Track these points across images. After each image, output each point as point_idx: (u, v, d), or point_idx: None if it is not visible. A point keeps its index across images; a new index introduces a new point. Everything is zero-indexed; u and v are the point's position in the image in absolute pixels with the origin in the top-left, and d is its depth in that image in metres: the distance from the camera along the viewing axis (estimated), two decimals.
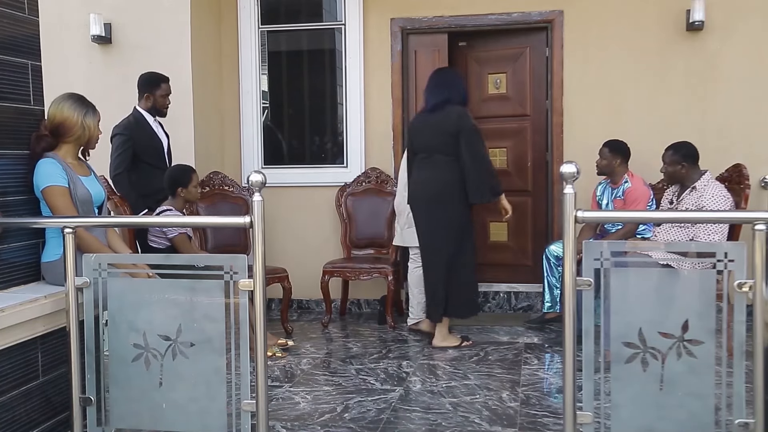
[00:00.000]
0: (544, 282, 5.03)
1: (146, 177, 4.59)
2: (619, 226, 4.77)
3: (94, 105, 3.07)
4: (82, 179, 3.01)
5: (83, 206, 2.96)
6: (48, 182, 2.88)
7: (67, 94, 3.04)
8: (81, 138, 3.01)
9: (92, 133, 3.06)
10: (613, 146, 4.91)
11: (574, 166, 2.27)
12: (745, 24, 5.22)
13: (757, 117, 5.22)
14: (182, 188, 4.35)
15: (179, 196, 4.36)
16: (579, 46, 5.45)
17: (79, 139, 3.01)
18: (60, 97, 3.02)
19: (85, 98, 3.08)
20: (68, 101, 3.01)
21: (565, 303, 2.34)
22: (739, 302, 2.22)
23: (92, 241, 2.91)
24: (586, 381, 2.31)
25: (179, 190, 4.35)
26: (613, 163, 4.88)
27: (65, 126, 2.96)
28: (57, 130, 2.96)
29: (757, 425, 2.21)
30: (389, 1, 5.69)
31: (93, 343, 2.52)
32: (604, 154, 4.91)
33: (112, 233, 3.18)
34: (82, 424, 2.53)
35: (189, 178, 4.39)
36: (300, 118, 6.18)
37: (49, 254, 2.91)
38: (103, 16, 5.43)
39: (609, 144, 4.92)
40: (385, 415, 3.44)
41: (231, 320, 2.42)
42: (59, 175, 2.90)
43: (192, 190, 4.40)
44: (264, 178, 2.34)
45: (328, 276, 5.28)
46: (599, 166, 4.92)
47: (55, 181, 2.89)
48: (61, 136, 2.96)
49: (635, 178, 4.87)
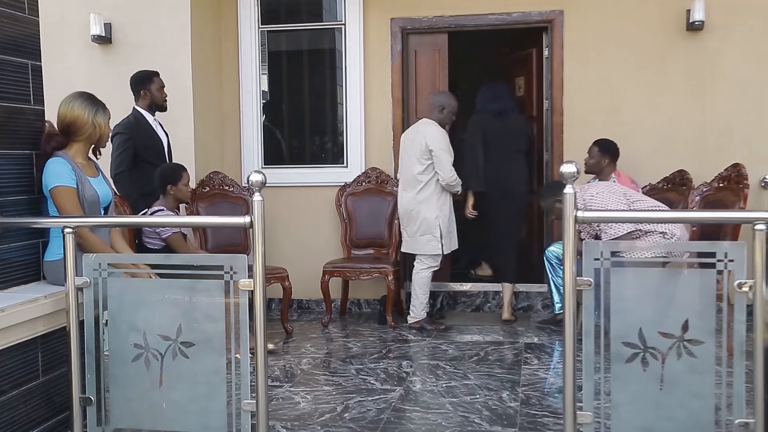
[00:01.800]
0: (550, 284, 5.05)
1: (147, 176, 4.59)
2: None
3: (104, 103, 3.08)
4: (90, 180, 3.01)
5: (90, 207, 2.96)
6: (56, 182, 2.88)
7: (77, 93, 3.05)
8: (92, 136, 3.02)
9: (103, 131, 3.06)
10: (602, 145, 4.95)
11: (574, 166, 2.27)
12: (745, 24, 5.22)
13: (757, 117, 5.22)
14: (172, 186, 4.36)
15: (169, 194, 4.37)
16: (579, 46, 5.45)
17: (89, 137, 3.02)
18: (70, 96, 3.02)
19: (95, 97, 3.08)
20: (78, 100, 3.01)
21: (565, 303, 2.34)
22: (739, 302, 2.22)
23: (95, 241, 2.91)
24: (586, 381, 2.31)
25: (169, 187, 4.36)
26: (601, 162, 4.92)
27: (76, 125, 2.97)
28: (68, 129, 2.96)
29: (757, 425, 2.21)
30: (389, 1, 5.69)
31: (93, 343, 2.51)
32: (593, 153, 4.96)
33: (115, 233, 3.18)
34: (82, 424, 2.53)
35: (179, 175, 4.40)
36: (300, 118, 6.18)
37: (51, 253, 2.91)
38: (103, 16, 5.43)
39: (599, 143, 4.97)
40: (385, 415, 3.44)
41: (231, 320, 2.42)
42: (68, 175, 2.90)
43: (182, 188, 4.40)
44: (264, 178, 2.34)
45: (328, 276, 5.28)
46: (587, 164, 4.97)
47: (64, 181, 2.89)
48: (71, 135, 2.97)
49: (622, 176, 4.90)
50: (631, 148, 5.07)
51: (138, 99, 4.74)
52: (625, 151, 5.08)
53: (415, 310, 5.11)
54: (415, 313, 5.11)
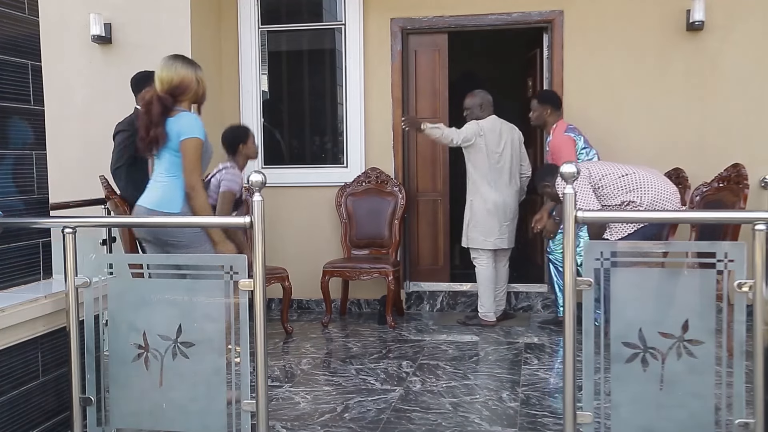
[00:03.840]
0: (555, 286, 5.08)
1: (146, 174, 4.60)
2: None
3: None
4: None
5: (204, 163, 3.22)
6: (191, 134, 3.18)
7: (172, 56, 3.31)
8: (197, 93, 3.29)
9: (205, 86, 3.35)
10: (541, 96, 5.09)
11: (574, 166, 2.27)
12: (745, 24, 5.22)
13: (757, 117, 5.22)
14: (242, 144, 4.46)
15: (240, 153, 4.46)
16: (579, 46, 5.45)
17: (195, 95, 3.29)
18: (166, 60, 3.25)
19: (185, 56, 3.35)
20: (178, 61, 3.28)
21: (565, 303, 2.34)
22: (739, 302, 2.22)
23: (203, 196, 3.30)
24: (586, 381, 2.31)
25: (240, 146, 4.45)
26: (543, 114, 4.99)
27: (184, 84, 3.24)
28: (176, 90, 3.23)
29: (757, 425, 2.21)
30: (389, 1, 5.69)
31: (93, 343, 2.52)
32: (534, 106, 5.09)
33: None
34: (82, 424, 2.53)
35: (248, 135, 4.52)
36: (300, 118, 6.18)
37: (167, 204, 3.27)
38: (103, 16, 5.43)
39: (537, 95, 5.10)
40: (385, 415, 3.44)
41: (231, 320, 2.42)
42: (200, 128, 3.22)
43: (251, 146, 4.52)
44: (264, 178, 2.34)
45: (328, 276, 5.28)
46: (531, 119, 5.08)
47: (197, 133, 3.21)
48: (179, 96, 3.19)
49: (557, 128, 4.94)
50: (631, 148, 5.06)
51: (139, 99, 4.73)
52: (625, 151, 5.09)
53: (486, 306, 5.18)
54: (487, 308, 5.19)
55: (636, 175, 4.31)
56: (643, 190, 4.24)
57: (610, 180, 4.32)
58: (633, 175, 4.30)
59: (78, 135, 5.43)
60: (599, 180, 4.32)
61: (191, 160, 3.21)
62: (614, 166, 4.42)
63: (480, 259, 5.15)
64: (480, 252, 5.13)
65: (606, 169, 4.40)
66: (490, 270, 5.13)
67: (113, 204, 4.38)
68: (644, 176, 4.30)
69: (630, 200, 4.24)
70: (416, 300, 5.77)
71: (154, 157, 3.49)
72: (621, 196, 4.27)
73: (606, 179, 4.32)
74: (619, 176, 4.32)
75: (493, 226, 5.08)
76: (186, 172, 3.31)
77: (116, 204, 4.41)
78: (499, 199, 5.09)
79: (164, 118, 3.20)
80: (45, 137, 2.88)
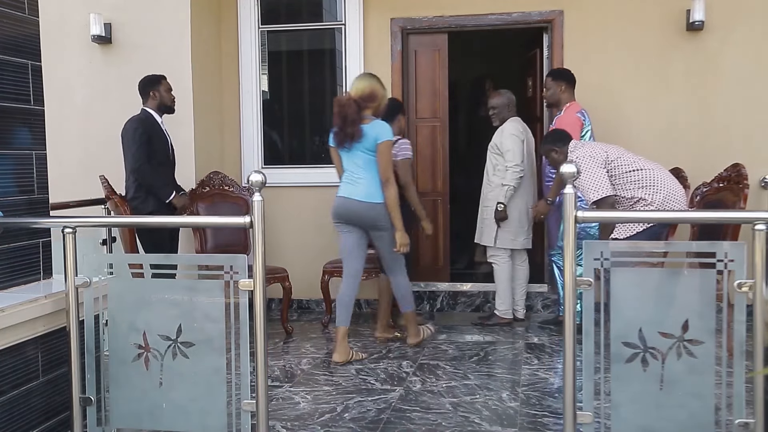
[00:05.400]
0: (558, 288, 5.08)
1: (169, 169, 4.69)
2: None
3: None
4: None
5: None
6: (387, 137, 4.10)
7: (369, 73, 4.53)
8: (379, 106, 4.19)
9: (385, 103, 4.29)
10: (554, 74, 5.03)
11: (574, 167, 2.27)
12: (745, 24, 5.22)
13: (757, 117, 5.22)
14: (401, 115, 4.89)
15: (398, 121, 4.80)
16: (579, 46, 5.45)
17: (377, 106, 4.18)
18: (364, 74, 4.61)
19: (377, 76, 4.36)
20: (373, 78, 4.25)
21: (565, 303, 2.34)
22: (739, 302, 2.22)
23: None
24: (586, 381, 2.31)
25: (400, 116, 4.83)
26: (558, 91, 4.95)
27: (373, 95, 4.14)
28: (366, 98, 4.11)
29: (757, 425, 2.21)
30: (389, 1, 5.69)
31: (93, 343, 2.52)
32: (548, 83, 5.05)
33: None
34: (82, 424, 2.53)
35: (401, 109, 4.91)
36: (300, 117, 6.18)
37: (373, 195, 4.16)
38: (103, 16, 5.43)
39: (550, 72, 5.06)
40: (385, 415, 3.44)
41: (231, 320, 2.42)
42: (391, 133, 4.18)
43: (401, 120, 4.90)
44: (264, 178, 2.34)
45: (328, 276, 5.27)
46: (545, 97, 5.06)
47: (390, 136, 4.15)
48: (368, 102, 4.13)
49: (569, 108, 4.90)
50: (631, 148, 5.03)
51: (147, 100, 4.75)
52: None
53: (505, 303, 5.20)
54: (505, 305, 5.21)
55: (651, 171, 4.27)
56: (656, 188, 4.22)
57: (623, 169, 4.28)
58: (647, 171, 4.27)
59: (78, 135, 5.43)
60: (614, 160, 4.28)
61: (386, 159, 4.11)
62: (632, 156, 4.39)
63: (499, 257, 5.16)
64: (500, 251, 5.15)
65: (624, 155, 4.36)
66: (508, 268, 5.16)
67: (113, 204, 4.39)
68: (658, 174, 4.28)
69: (641, 197, 4.22)
70: (416, 300, 5.76)
71: (344, 151, 4.20)
72: (633, 190, 4.24)
73: (621, 160, 4.29)
74: (632, 169, 4.28)
75: (523, 226, 5.12)
76: (381, 169, 4.14)
77: (116, 204, 4.42)
78: (528, 200, 5.14)
79: (359, 117, 4.05)
80: (45, 137, 2.88)
